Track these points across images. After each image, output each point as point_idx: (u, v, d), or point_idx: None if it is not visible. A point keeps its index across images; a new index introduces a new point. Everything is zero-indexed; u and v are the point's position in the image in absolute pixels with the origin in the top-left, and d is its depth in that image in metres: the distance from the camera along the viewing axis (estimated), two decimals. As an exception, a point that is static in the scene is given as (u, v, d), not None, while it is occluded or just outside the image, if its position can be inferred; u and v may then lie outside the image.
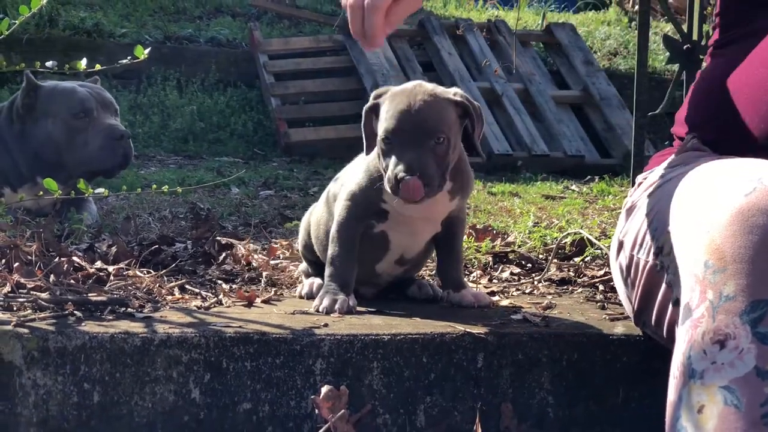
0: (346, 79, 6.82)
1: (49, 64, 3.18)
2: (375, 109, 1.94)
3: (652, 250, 1.66)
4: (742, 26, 1.82)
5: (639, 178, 1.89)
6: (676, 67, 2.94)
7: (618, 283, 1.88)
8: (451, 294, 2.09)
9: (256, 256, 2.48)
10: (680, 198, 1.58)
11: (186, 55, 6.91)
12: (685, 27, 2.88)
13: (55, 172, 3.33)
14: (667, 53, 2.93)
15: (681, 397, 1.37)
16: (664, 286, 1.62)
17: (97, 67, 2.05)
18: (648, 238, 1.68)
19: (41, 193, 2.18)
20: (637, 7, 8.54)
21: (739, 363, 1.32)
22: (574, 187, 5.23)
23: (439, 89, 1.93)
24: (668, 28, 7.85)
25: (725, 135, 1.74)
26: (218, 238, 2.62)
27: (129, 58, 2.06)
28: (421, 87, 1.91)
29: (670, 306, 1.60)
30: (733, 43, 1.82)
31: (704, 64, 1.97)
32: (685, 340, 1.39)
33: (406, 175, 1.83)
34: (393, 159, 1.86)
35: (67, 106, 3.31)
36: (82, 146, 3.32)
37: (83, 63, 2.07)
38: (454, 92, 1.94)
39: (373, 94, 1.97)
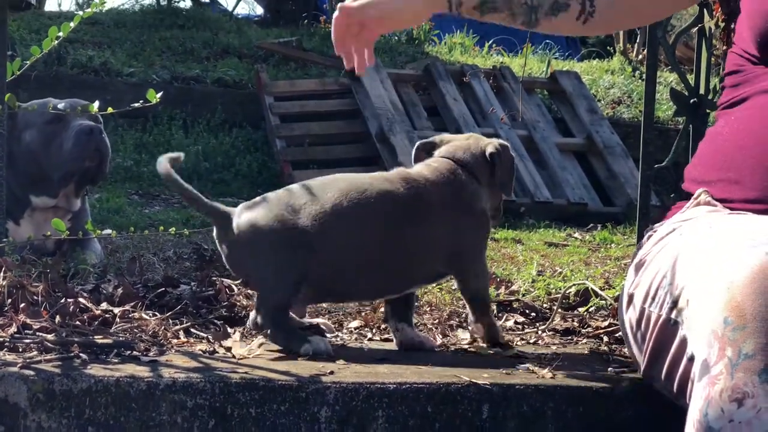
0: (351, 122, 6.86)
1: (61, 105, 3.20)
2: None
3: (666, 305, 1.65)
4: (750, 85, 1.84)
5: (648, 232, 1.90)
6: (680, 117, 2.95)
7: (627, 336, 1.87)
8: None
9: (242, 299, 2.47)
10: (697, 253, 1.58)
11: (192, 96, 6.96)
12: (691, 78, 2.89)
13: (43, 184, 3.33)
14: (673, 104, 2.94)
15: None
16: (677, 340, 1.62)
17: (110, 110, 2.06)
18: (661, 292, 1.68)
19: (49, 233, 2.18)
20: (640, 56, 8.60)
21: (756, 422, 1.32)
22: (576, 234, 5.23)
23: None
24: (672, 77, 7.90)
25: (733, 194, 1.74)
26: (221, 280, 2.61)
27: (142, 101, 2.07)
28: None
29: (684, 361, 1.59)
30: (741, 102, 1.83)
31: (714, 121, 1.98)
32: (702, 396, 1.38)
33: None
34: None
35: (40, 114, 3.33)
36: (57, 149, 3.32)
37: (96, 106, 2.08)
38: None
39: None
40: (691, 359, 1.51)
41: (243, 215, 2.06)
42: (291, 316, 2.12)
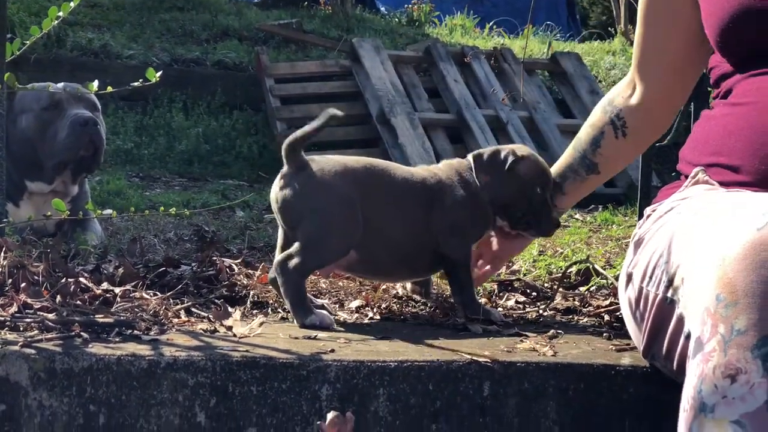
0: (352, 104, 6.84)
1: (60, 85, 3.19)
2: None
3: (663, 283, 1.65)
4: (730, 77, 1.84)
5: (647, 210, 1.89)
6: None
7: (626, 315, 1.87)
8: None
9: (243, 279, 2.47)
10: (691, 231, 1.58)
11: (192, 78, 6.94)
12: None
13: (38, 170, 3.32)
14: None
15: (691, 430, 1.37)
16: (674, 318, 1.62)
17: (109, 89, 2.05)
18: (658, 270, 1.68)
19: (49, 214, 2.18)
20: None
21: (750, 398, 1.32)
22: (578, 215, 5.22)
23: None
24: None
25: (726, 177, 1.74)
26: (221, 260, 2.61)
27: (141, 80, 2.07)
28: None
29: (682, 339, 1.60)
30: (731, 92, 1.84)
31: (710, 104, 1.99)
32: (696, 374, 1.39)
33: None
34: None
35: (37, 100, 3.31)
36: (52, 138, 3.31)
37: (95, 85, 2.08)
38: None
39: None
40: (688, 337, 1.52)
41: (325, 165, 2.13)
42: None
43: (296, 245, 2.09)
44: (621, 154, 2.19)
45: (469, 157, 2.28)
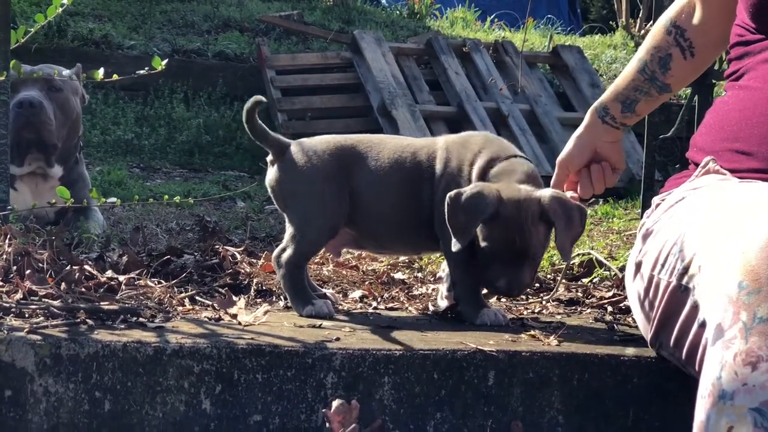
0: (353, 95, 6.83)
1: (66, 72, 3.18)
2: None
3: (676, 271, 1.65)
4: (752, 57, 1.83)
5: (656, 200, 1.89)
6: (683, 90, 2.95)
7: (634, 304, 1.87)
8: None
9: (246, 267, 2.47)
10: (709, 219, 1.57)
11: (193, 69, 6.93)
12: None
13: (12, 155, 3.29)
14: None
15: (710, 417, 1.36)
16: (687, 307, 1.62)
17: (115, 76, 2.05)
18: (671, 259, 1.67)
19: (54, 201, 2.18)
20: (643, 31, 8.57)
21: None
22: (578, 208, 5.22)
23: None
24: (674, 52, 7.87)
25: (741, 164, 1.74)
26: (224, 248, 2.62)
27: (147, 69, 2.07)
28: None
29: (694, 327, 1.59)
30: (746, 74, 1.83)
31: (720, 92, 1.98)
32: (716, 360, 1.38)
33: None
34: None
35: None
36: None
37: (101, 73, 2.08)
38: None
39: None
40: (703, 325, 1.51)
41: (305, 146, 2.11)
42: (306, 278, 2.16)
43: (286, 235, 2.10)
44: (691, 72, 2.15)
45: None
